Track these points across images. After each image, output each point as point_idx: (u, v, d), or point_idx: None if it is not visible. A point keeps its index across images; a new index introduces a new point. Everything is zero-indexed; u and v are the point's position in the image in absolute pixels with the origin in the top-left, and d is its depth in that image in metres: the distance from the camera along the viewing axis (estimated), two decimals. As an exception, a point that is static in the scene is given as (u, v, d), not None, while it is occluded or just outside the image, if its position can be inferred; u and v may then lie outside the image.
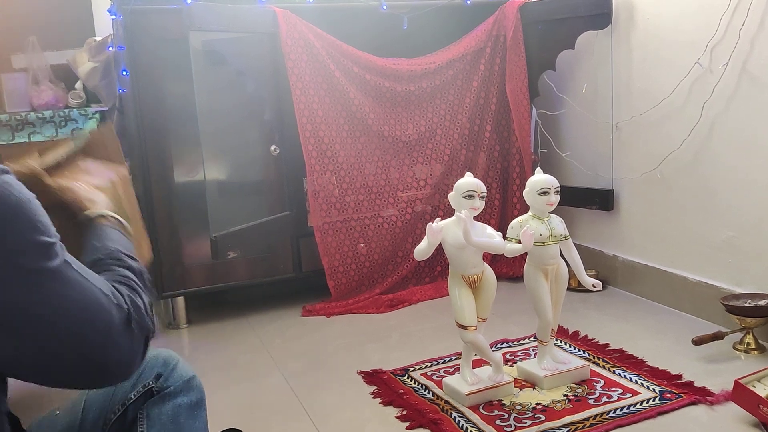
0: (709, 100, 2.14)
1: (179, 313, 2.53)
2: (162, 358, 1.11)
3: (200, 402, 1.13)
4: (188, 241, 2.50)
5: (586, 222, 2.77)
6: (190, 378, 1.12)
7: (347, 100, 2.54)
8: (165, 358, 1.12)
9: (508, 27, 2.71)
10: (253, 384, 2.01)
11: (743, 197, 2.09)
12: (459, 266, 1.74)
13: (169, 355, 1.13)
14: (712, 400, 1.69)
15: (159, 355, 1.12)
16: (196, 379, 1.13)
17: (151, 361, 1.10)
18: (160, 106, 2.40)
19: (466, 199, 1.71)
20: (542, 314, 1.80)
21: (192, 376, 1.12)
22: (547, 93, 2.83)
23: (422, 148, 2.71)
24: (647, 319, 2.30)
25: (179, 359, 1.14)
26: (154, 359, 1.11)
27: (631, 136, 2.49)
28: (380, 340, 2.27)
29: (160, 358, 1.11)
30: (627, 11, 2.45)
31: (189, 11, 2.18)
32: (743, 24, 2.01)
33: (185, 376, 1.11)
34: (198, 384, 1.13)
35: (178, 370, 1.11)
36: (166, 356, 1.12)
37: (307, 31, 2.47)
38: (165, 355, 1.12)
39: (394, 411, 1.77)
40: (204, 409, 1.14)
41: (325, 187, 2.55)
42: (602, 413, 1.67)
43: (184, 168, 2.50)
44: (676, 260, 2.36)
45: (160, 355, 1.12)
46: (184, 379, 1.11)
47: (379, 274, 2.67)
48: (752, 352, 1.97)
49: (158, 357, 1.11)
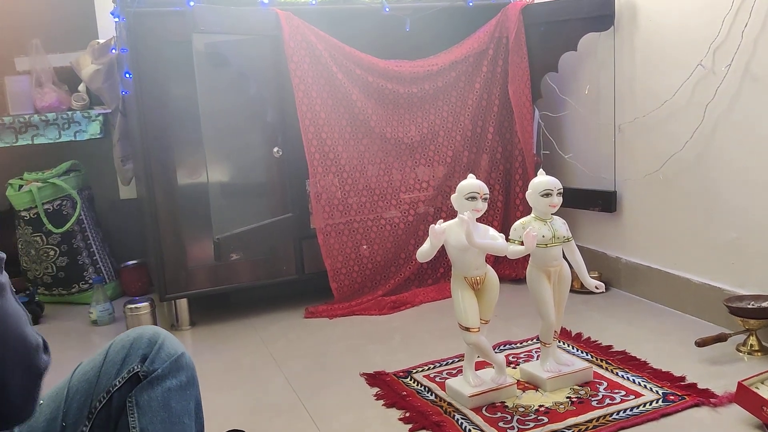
0: (712, 101, 2.14)
1: (182, 315, 2.53)
2: (146, 337, 1.04)
3: (191, 381, 1.06)
4: (191, 243, 2.50)
5: (588, 224, 2.76)
6: (178, 356, 1.04)
7: (350, 102, 2.55)
8: (150, 336, 1.04)
9: (510, 29, 2.71)
10: (255, 385, 2.01)
11: (747, 198, 2.09)
12: (462, 268, 1.74)
13: (154, 333, 1.05)
14: (715, 402, 1.69)
15: (143, 334, 1.05)
16: (185, 357, 1.06)
17: (135, 341, 1.04)
18: (163, 109, 2.40)
19: (468, 201, 1.71)
20: (545, 316, 1.80)
21: (180, 354, 1.05)
22: (549, 95, 2.83)
23: (425, 149, 2.71)
24: (650, 320, 2.30)
25: (165, 336, 1.06)
26: (138, 339, 1.04)
27: (633, 137, 2.49)
28: (383, 342, 2.27)
29: (144, 337, 1.04)
30: (629, 13, 2.45)
31: (192, 13, 2.19)
32: (746, 25, 2.01)
33: (173, 354, 1.04)
34: (187, 362, 1.06)
35: (165, 349, 1.04)
36: (150, 335, 1.05)
37: (309, 33, 2.47)
38: (149, 334, 1.05)
39: (397, 413, 1.77)
40: (196, 387, 1.07)
41: (327, 189, 2.55)
42: (605, 415, 1.67)
43: (187, 170, 2.50)
44: (679, 262, 2.36)
45: (144, 335, 1.05)
46: (172, 358, 1.04)
47: (381, 276, 2.67)
48: (755, 353, 1.96)
49: (142, 336, 1.04)
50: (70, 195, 2.87)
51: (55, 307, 2.89)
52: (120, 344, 1.05)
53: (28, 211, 2.84)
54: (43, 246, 2.87)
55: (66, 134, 2.87)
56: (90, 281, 2.88)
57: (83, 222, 2.93)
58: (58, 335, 2.56)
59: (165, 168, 2.43)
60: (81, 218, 2.91)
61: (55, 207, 2.86)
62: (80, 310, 2.81)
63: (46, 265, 2.89)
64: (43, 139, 2.84)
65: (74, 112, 2.90)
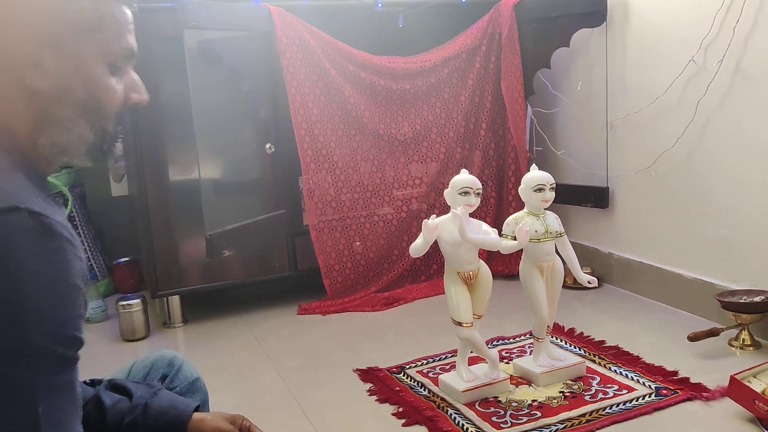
0: (704, 98, 2.15)
1: (175, 312, 2.52)
2: (167, 359, 1.11)
3: (205, 403, 1.13)
4: (183, 240, 2.49)
5: (581, 220, 2.77)
6: (195, 380, 1.12)
7: (342, 98, 2.54)
8: (170, 359, 1.12)
9: (503, 25, 2.71)
10: (249, 382, 2.00)
11: (738, 194, 2.10)
12: (455, 263, 1.74)
13: (174, 356, 1.13)
14: (707, 396, 1.70)
15: (164, 356, 1.12)
16: (201, 381, 1.13)
17: (156, 362, 1.11)
18: (155, 105, 2.39)
19: (461, 196, 1.71)
20: (538, 311, 1.80)
21: (197, 378, 1.12)
22: (542, 91, 2.83)
23: (417, 146, 2.71)
24: (643, 316, 2.31)
25: (184, 360, 1.13)
26: (160, 360, 1.11)
27: (625, 134, 2.50)
28: (376, 338, 2.27)
29: (165, 359, 1.11)
30: (621, 9, 2.45)
31: (183, 9, 2.18)
32: (737, 21, 2.01)
33: (190, 377, 1.11)
34: (202, 385, 1.13)
35: (184, 371, 1.11)
36: (171, 357, 1.12)
37: (302, 29, 2.46)
38: (170, 356, 1.12)
39: (390, 408, 1.77)
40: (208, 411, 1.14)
41: (320, 186, 2.55)
42: (598, 409, 1.67)
43: (179, 166, 2.49)
44: (672, 257, 2.36)
45: (165, 356, 1.12)
46: (190, 380, 1.11)
47: (374, 272, 2.67)
48: (747, 348, 1.97)
49: (163, 358, 1.11)
50: (61, 192, 2.86)
51: (46, 305, 2.87)
52: (142, 363, 1.13)
53: (19, 209, 2.82)
54: (34, 243, 2.85)
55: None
56: (82, 278, 2.86)
57: (75, 219, 2.92)
58: (49, 333, 2.54)
59: (157, 164, 2.42)
60: (73, 215, 2.90)
61: (47, 204, 2.84)
62: (72, 308, 2.79)
63: (37, 263, 2.87)
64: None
65: (65, 108, 2.88)
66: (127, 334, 2.40)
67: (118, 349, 2.33)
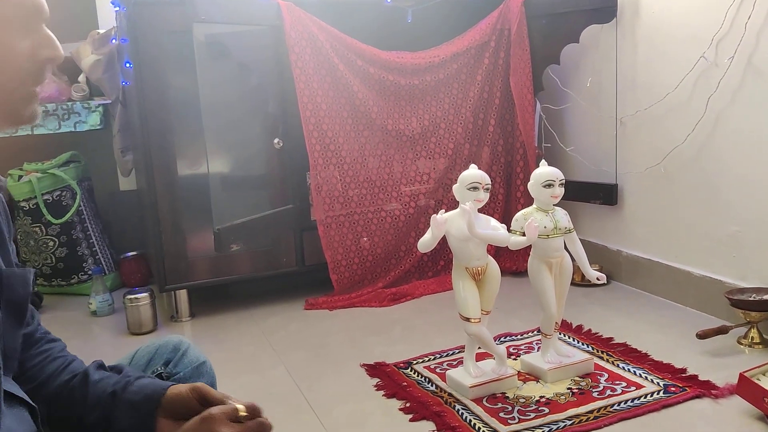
0: (714, 94, 2.13)
1: (182, 306, 2.53)
2: (172, 344, 1.10)
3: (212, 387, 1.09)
4: (191, 234, 2.50)
5: (589, 216, 2.76)
6: (200, 364, 1.10)
7: (351, 93, 2.54)
8: (175, 344, 1.10)
9: (512, 21, 2.70)
10: (256, 376, 2.00)
11: (748, 191, 2.09)
12: (463, 258, 1.74)
13: (179, 341, 1.11)
14: (716, 394, 1.69)
15: (169, 341, 1.11)
16: (207, 365, 1.11)
17: (161, 347, 1.09)
18: (164, 99, 2.39)
19: (470, 191, 1.70)
20: (546, 307, 1.80)
21: (202, 362, 1.10)
22: (551, 87, 2.82)
23: (426, 142, 2.70)
24: (651, 313, 2.30)
25: (189, 345, 1.12)
26: (164, 346, 1.09)
27: (635, 130, 2.49)
28: (383, 334, 2.26)
29: (170, 344, 1.10)
30: (632, 5, 2.44)
31: (192, 3, 2.18)
32: (749, 17, 2.00)
33: (195, 361, 1.09)
34: (208, 369, 1.11)
35: (188, 356, 1.09)
36: (176, 342, 1.11)
37: (311, 24, 2.46)
38: (175, 341, 1.11)
39: (398, 403, 1.76)
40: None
41: (328, 181, 2.54)
42: (606, 406, 1.66)
43: (188, 161, 2.49)
44: (680, 255, 2.35)
45: (170, 342, 1.10)
46: (194, 365, 1.09)
47: (382, 268, 2.67)
48: (756, 346, 1.96)
49: (168, 343, 1.10)
50: (69, 186, 2.87)
51: (54, 298, 2.88)
52: (146, 350, 1.11)
53: (27, 202, 2.83)
54: (42, 237, 2.86)
55: (66, 125, 2.86)
56: (89, 272, 2.88)
57: (83, 213, 2.92)
58: (57, 326, 2.55)
59: (165, 159, 2.42)
60: (80, 209, 2.90)
61: (55, 198, 2.85)
62: (80, 301, 2.80)
63: (45, 256, 2.89)
64: (43, 129, 2.83)
65: (74, 102, 2.89)
66: (135, 328, 2.41)
67: (125, 343, 2.34)
